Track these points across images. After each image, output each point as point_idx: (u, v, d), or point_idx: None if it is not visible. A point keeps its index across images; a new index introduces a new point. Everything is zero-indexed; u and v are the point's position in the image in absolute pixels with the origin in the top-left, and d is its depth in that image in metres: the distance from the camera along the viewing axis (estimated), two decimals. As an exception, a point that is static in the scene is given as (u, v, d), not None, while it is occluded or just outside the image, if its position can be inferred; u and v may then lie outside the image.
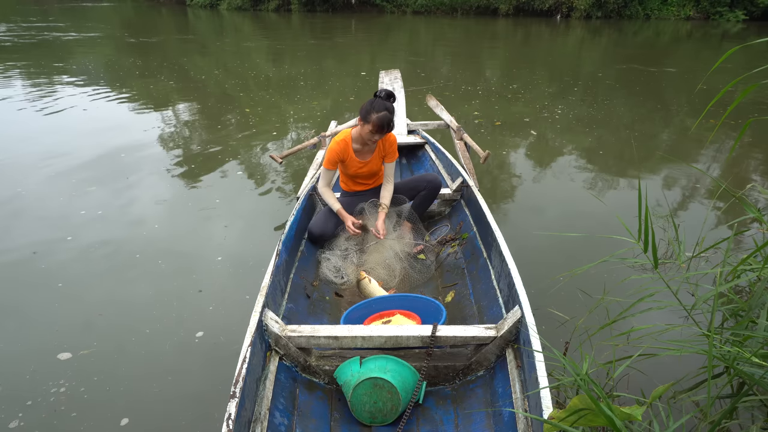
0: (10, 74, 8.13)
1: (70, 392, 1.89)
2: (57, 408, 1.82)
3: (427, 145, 3.75)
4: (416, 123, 3.94)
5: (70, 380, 1.95)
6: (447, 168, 3.30)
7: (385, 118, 2.31)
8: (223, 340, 2.15)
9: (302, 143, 3.55)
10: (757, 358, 1.12)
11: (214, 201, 3.58)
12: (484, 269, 2.23)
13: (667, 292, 1.47)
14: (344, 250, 2.49)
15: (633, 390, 1.78)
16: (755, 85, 1.13)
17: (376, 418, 1.58)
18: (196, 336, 2.18)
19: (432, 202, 2.77)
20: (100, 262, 2.79)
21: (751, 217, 1.50)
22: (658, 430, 1.10)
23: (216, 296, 2.47)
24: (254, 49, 12.11)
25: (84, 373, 1.98)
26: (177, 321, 2.29)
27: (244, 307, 2.24)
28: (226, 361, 1.97)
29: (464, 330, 1.66)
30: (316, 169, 3.09)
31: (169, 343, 2.15)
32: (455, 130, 3.55)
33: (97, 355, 2.09)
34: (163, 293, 2.50)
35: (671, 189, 3.88)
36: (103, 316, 2.33)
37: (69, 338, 2.18)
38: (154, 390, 1.91)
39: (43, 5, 25.73)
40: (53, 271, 2.71)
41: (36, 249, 2.91)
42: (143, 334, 2.21)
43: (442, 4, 21.94)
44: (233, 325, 2.20)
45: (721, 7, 19.94)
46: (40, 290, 2.54)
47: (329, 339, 1.65)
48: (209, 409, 1.79)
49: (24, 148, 4.62)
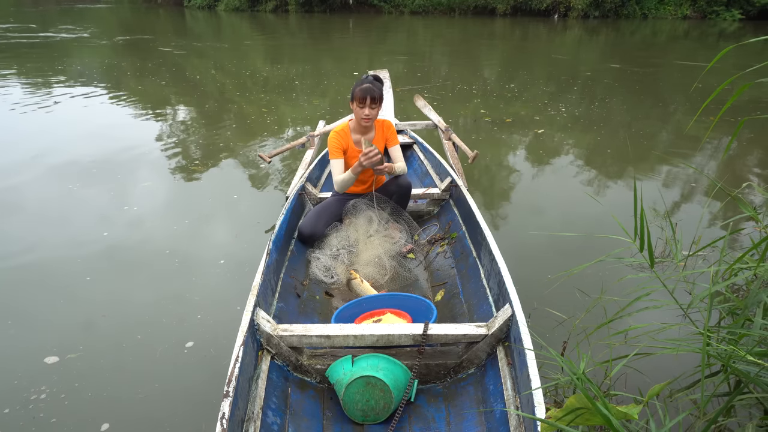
0: (7, 75, 8.11)
1: (50, 398, 1.86)
2: (36, 414, 1.79)
3: (416, 145, 3.76)
4: (404, 123, 3.95)
5: (52, 386, 1.91)
6: (435, 168, 3.30)
7: (367, 90, 2.41)
8: (212, 353, 2.11)
9: (291, 143, 3.55)
10: (753, 356, 1.13)
11: (210, 202, 3.58)
12: (474, 268, 2.24)
13: (664, 291, 1.47)
14: (334, 250, 2.50)
15: (630, 389, 1.78)
16: (749, 84, 1.13)
17: (369, 417, 1.59)
18: (185, 346, 2.14)
19: (406, 202, 2.74)
20: (95, 264, 2.78)
21: (747, 215, 1.51)
22: (655, 428, 1.10)
23: (208, 301, 2.44)
24: (252, 49, 12.10)
25: (67, 379, 1.95)
26: (168, 327, 2.26)
27: (234, 310, 2.24)
28: (215, 367, 1.96)
29: (455, 328, 1.67)
30: (305, 168, 3.08)
31: (159, 349, 2.12)
32: (443, 130, 3.56)
33: (84, 359, 2.06)
34: (157, 297, 2.48)
35: (668, 188, 3.89)
36: (98, 318, 2.32)
37: (58, 342, 2.16)
38: (139, 396, 1.89)
39: (40, 6, 25.67)
40: (46, 272, 2.69)
41: (29, 250, 2.90)
42: (134, 339, 2.18)
43: (439, 5, 21.95)
44: (223, 330, 2.18)
45: (717, 6, 20.00)
46: (33, 292, 2.52)
47: (321, 338, 1.65)
48: (195, 414, 1.77)
49: (22, 149, 4.61)
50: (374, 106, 2.45)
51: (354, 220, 2.59)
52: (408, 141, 3.78)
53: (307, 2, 22.62)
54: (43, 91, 7.02)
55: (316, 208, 2.65)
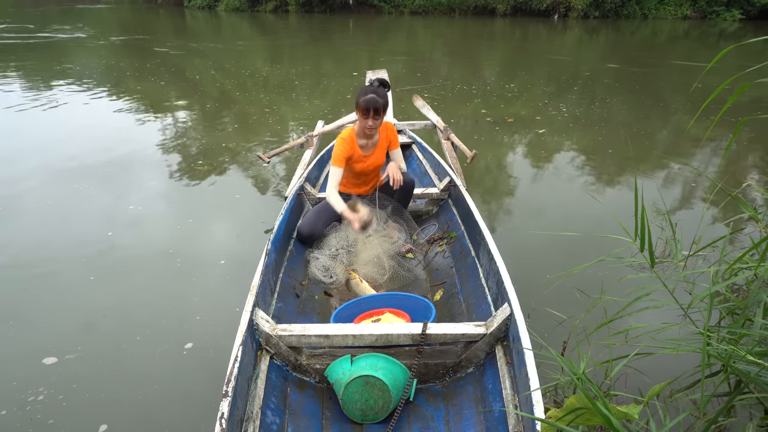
0: (6, 75, 8.12)
1: (48, 400, 1.85)
2: (33, 416, 1.79)
3: (414, 145, 3.75)
4: (403, 123, 3.94)
5: (50, 387, 1.91)
6: (434, 167, 3.30)
7: (371, 101, 2.39)
8: (212, 355, 2.09)
9: (290, 143, 3.55)
10: (753, 356, 1.13)
11: (213, 202, 3.59)
12: (473, 268, 2.24)
13: (665, 291, 1.47)
14: (333, 250, 2.49)
15: (631, 389, 1.78)
16: (749, 84, 1.13)
17: (368, 416, 1.59)
18: (185, 347, 2.13)
19: (409, 200, 2.76)
20: (95, 264, 2.78)
21: (747, 215, 1.51)
22: (655, 428, 1.10)
23: (207, 303, 2.44)
24: (252, 50, 12.11)
25: (66, 380, 1.95)
26: (168, 328, 2.25)
27: (234, 311, 2.23)
28: (214, 368, 1.96)
29: (454, 327, 1.67)
30: (303, 168, 3.08)
31: (159, 350, 2.11)
32: (442, 130, 3.56)
33: (83, 360, 2.05)
34: (158, 298, 2.48)
35: (669, 188, 3.89)
36: (98, 319, 2.32)
37: (58, 342, 2.15)
38: (138, 397, 1.88)
39: (41, 7, 25.69)
40: (47, 273, 2.69)
41: (30, 250, 2.90)
42: (133, 341, 2.17)
43: (439, 5, 21.95)
44: (223, 331, 2.17)
45: (717, 6, 19.99)
46: (34, 293, 2.53)
47: (320, 338, 1.65)
48: (194, 415, 1.76)
49: (22, 149, 4.62)
50: (377, 117, 2.44)
51: None
52: (407, 141, 3.78)
53: (307, 2, 22.62)
54: (42, 92, 7.02)
55: (315, 208, 2.65)
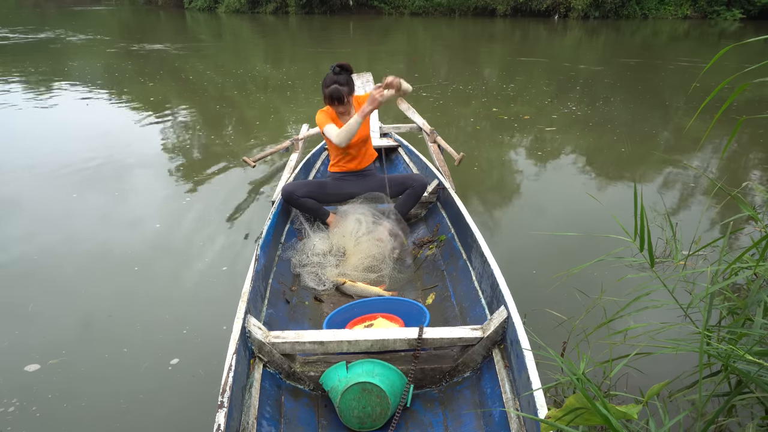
0: (6, 75, 8.13)
1: (19, 412, 1.79)
2: (3, 428, 1.74)
3: (401, 148, 3.68)
4: (388, 126, 3.89)
5: (23, 399, 1.84)
6: (421, 170, 3.25)
7: (334, 92, 2.46)
8: (201, 368, 2.02)
9: (275, 146, 3.54)
10: (753, 355, 1.12)
11: (210, 205, 3.58)
12: (464, 270, 2.22)
13: (664, 290, 1.47)
14: (321, 256, 2.48)
15: (630, 389, 1.78)
16: (747, 84, 1.13)
17: (365, 424, 1.56)
18: (170, 363, 2.05)
19: (417, 201, 2.76)
20: (89, 268, 2.76)
21: (747, 215, 1.50)
22: (655, 428, 1.10)
23: (196, 311, 2.39)
24: (252, 51, 12.12)
25: (45, 388, 1.90)
26: (156, 340, 2.19)
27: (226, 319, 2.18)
28: (204, 378, 1.93)
29: (450, 331, 1.65)
30: (290, 172, 3.08)
31: (144, 365, 2.04)
32: (428, 133, 3.53)
33: (64, 365, 2.00)
34: (149, 307, 2.41)
35: (668, 188, 3.89)
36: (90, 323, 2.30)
37: (41, 348, 2.10)
38: (121, 407, 1.84)
39: (40, 8, 25.72)
40: (39, 275, 2.67)
41: (23, 252, 2.89)
42: (119, 351, 2.10)
43: (439, 6, 21.95)
44: (212, 340, 2.12)
45: (718, 6, 19.96)
46: (24, 295, 2.49)
47: (314, 344, 1.61)
48: (179, 426, 1.73)
49: (21, 150, 4.62)
50: (342, 103, 2.51)
51: (341, 228, 2.59)
52: (393, 144, 3.68)
53: (308, 4, 22.62)
54: (43, 92, 7.03)
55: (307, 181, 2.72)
